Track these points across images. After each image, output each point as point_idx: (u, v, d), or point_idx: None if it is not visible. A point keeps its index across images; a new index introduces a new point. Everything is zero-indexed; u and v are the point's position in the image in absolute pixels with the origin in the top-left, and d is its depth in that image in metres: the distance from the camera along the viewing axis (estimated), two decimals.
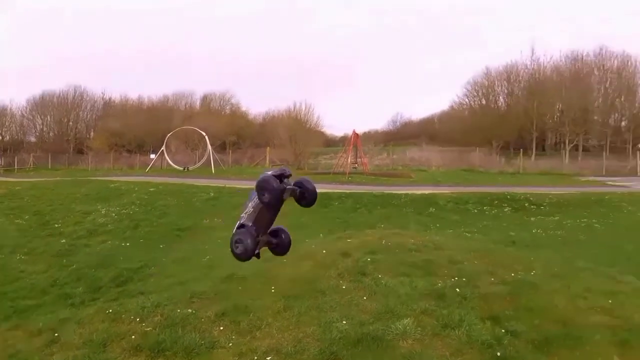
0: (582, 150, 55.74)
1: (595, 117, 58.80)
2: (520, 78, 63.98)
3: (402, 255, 10.46)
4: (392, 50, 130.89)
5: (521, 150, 48.59)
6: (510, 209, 22.03)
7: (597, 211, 21.34)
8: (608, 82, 59.32)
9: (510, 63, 64.54)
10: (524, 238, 16.84)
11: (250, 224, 5.04)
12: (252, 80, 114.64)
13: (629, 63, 58.51)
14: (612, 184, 32.39)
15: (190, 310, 7.63)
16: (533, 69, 63.18)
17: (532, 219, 20.42)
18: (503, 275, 9.18)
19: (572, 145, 55.16)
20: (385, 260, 10.04)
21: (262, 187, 4.93)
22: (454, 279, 8.91)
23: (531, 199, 23.51)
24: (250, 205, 5.13)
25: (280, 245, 5.35)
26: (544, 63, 62.91)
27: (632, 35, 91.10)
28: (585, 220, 19.87)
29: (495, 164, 44.36)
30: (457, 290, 8.36)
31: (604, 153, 48.73)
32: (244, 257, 4.95)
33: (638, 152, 46.12)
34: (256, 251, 4.98)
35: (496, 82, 65.77)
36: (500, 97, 66.59)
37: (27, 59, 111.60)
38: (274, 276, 9.12)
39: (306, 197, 5.13)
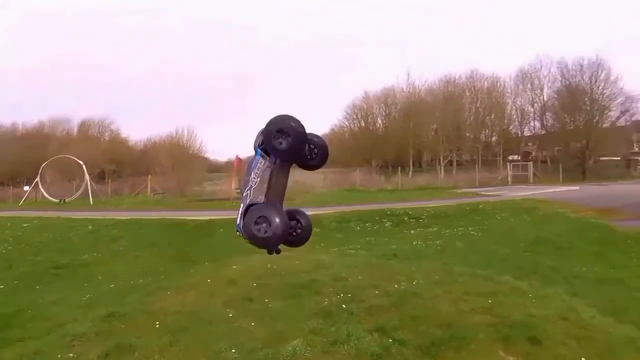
0: (457, 165, 59.53)
1: (468, 134, 63.42)
2: (397, 101, 66.98)
3: (289, 277, 10.52)
4: (275, 75, 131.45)
5: (399, 168, 50.44)
6: (390, 223, 22.72)
7: (473, 220, 22.56)
8: (479, 102, 64.16)
9: (388, 87, 67.73)
10: (405, 250, 17.38)
11: (264, 199, 4.14)
12: (132, 106, 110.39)
13: (498, 84, 64.07)
14: (485, 193, 34.36)
15: (71, 355, 7.17)
16: (409, 92, 66.71)
17: (412, 231, 21.15)
18: (387, 288, 9.46)
19: (446, 160, 58.54)
20: (271, 284, 10.05)
21: (279, 128, 4.02)
22: (339, 295, 9.05)
23: (410, 213, 24.36)
24: (253, 175, 4.24)
25: (303, 230, 4.49)
26: (419, 86, 66.80)
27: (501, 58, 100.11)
28: (462, 229, 20.94)
29: (375, 183, 45.69)
30: (344, 306, 8.49)
31: (477, 166, 52.60)
32: (273, 242, 4.01)
33: (508, 164, 49.77)
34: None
35: (375, 105, 68.29)
36: (379, 119, 69.30)
37: None
38: (157, 310, 8.80)
39: (317, 153, 4.47)
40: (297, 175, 54.08)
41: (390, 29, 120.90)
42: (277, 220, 3.92)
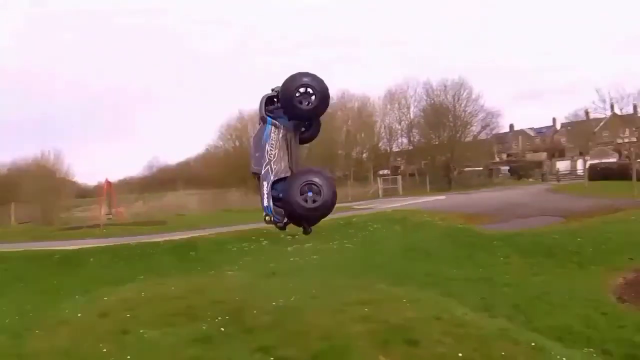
0: None
1: (340, 151, 65.21)
2: None
3: (165, 305, 9.97)
4: (146, 93, 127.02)
5: None
6: (268, 242, 22.44)
7: (347, 233, 22.87)
8: (350, 121, 66.62)
9: None
10: (283, 268, 17.22)
11: (290, 170, 3.80)
12: None
13: (368, 104, 67.28)
14: (358, 207, 35.17)
15: None
16: None
17: (289, 248, 20.99)
18: (266, 306, 9.24)
19: None
20: (146, 313, 9.45)
21: (301, 85, 3.70)
22: (218, 319, 8.70)
23: (286, 230, 24.16)
24: (268, 147, 3.89)
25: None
26: None
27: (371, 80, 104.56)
28: (337, 242, 21.18)
29: (251, 202, 45.26)
30: (223, 329, 8.16)
31: (349, 181, 53.69)
32: (321, 212, 3.72)
33: (378, 178, 51.58)
34: None
35: (249, 125, 68.10)
36: None
37: None
38: (27, 353, 7.90)
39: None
40: (168, 198, 52.95)
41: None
42: (326, 189, 3.61)
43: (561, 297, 13.83)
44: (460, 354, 6.28)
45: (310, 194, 3.59)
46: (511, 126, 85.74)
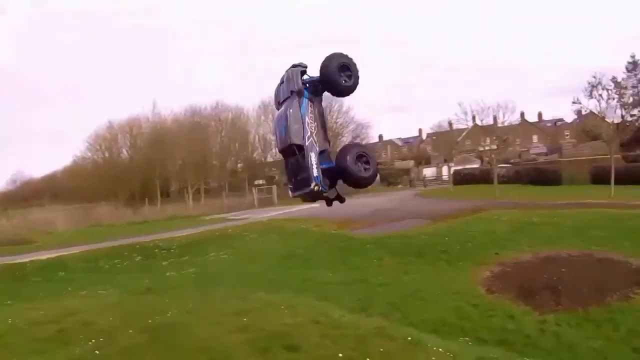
0: (205, 193, 59.57)
1: (214, 162, 64.78)
2: (143, 130, 65.16)
3: (33, 331, 9.30)
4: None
5: (147, 199, 48.88)
6: (141, 257, 21.60)
7: (223, 244, 22.59)
8: (224, 132, 66.48)
9: (133, 116, 65.54)
10: (158, 283, 16.63)
11: (327, 143, 4.26)
12: None
13: (242, 115, 67.43)
14: (234, 218, 34.92)
15: None
16: (155, 121, 65.70)
17: (164, 263, 20.37)
18: (141, 324, 8.88)
19: (194, 189, 58.23)
20: (14, 342, 8.79)
21: (343, 64, 4.17)
22: (91, 341, 8.23)
23: (161, 244, 23.56)
24: (308, 120, 4.18)
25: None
26: (165, 116, 66.67)
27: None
28: (213, 254, 20.85)
29: (123, 216, 43.49)
30: (97, 352, 7.75)
31: (224, 192, 53.11)
32: (370, 180, 4.32)
33: (253, 188, 51.42)
34: None
35: (119, 135, 65.56)
36: (124, 150, 66.59)
37: None
38: None
39: None
40: (34, 214, 49.52)
41: None
42: (372, 157, 4.09)
43: (433, 293, 14.63)
44: (340, 355, 6.36)
45: (363, 163, 4.11)
46: (380, 136, 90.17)
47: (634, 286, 14.20)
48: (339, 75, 4.24)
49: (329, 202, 4.86)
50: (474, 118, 46.50)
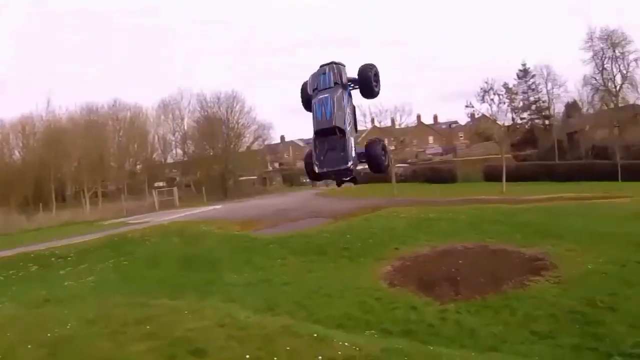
0: (102, 196, 57.18)
1: (112, 164, 61.82)
2: (37, 130, 61.07)
3: None
4: None
5: (41, 204, 46.26)
6: (37, 267, 20.47)
7: (123, 249, 21.87)
8: (122, 131, 63.64)
9: (26, 115, 60.84)
10: (57, 294, 15.86)
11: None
12: None
13: (141, 114, 64.97)
14: (134, 222, 33.76)
15: None
16: (49, 120, 61.17)
17: (62, 272, 19.40)
18: (40, 338, 8.48)
19: (91, 192, 55.84)
20: None
21: (377, 72, 5.27)
22: None
23: (57, 252, 22.40)
24: (348, 111, 5.06)
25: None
26: (59, 114, 62.07)
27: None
28: (113, 260, 20.17)
29: (16, 223, 40.82)
30: None
31: (123, 195, 51.34)
32: (387, 169, 5.57)
33: (154, 191, 50.09)
34: None
35: (11, 135, 61.24)
36: (16, 151, 62.14)
37: None
38: None
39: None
40: None
41: None
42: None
43: (337, 289, 15.05)
44: (247, 356, 6.39)
45: (385, 154, 5.13)
46: (282, 137, 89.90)
47: (527, 274, 15.30)
48: (372, 82, 5.21)
49: (340, 183, 5.57)
50: (372, 120, 48.03)
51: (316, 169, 5.21)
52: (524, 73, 64.60)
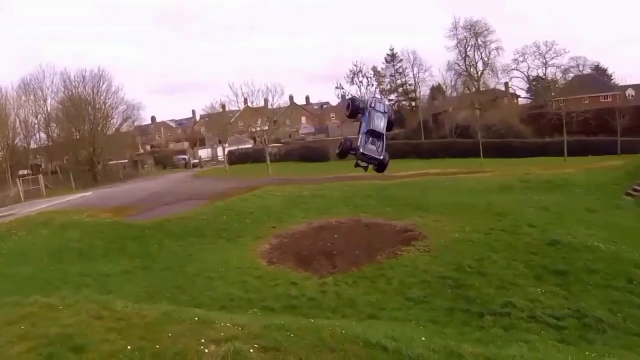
0: None
1: None
2: None
3: None
4: None
5: None
6: None
7: None
8: None
9: None
10: None
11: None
12: None
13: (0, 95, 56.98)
14: None
15: None
16: None
17: None
18: None
19: None
20: None
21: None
22: None
23: None
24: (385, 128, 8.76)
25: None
26: None
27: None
28: None
29: None
30: None
31: None
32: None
33: (18, 180, 46.43)
34: None
35: None
36: None
37: None
38: None
39: None
40: None
41: None
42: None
43: (218, 271, 15.23)
44: (128, 347, 6.29)
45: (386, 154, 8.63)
46: (153, 118, 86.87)
47: (399, 245, 16.36)
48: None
49: (366, 169, 8.76)
50: (245, 100, 47.94)
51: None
52: (392, 57, 67.81)
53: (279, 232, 18.97)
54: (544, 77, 67.56)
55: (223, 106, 58.12)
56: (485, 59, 63.68)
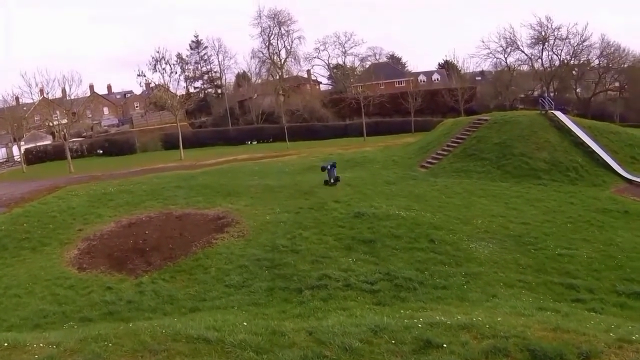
0: None
1: None
2: None
3: None
4: None
5: None
6: None
7: None
8: None
9: None
10: None
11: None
12: None
13: None
14: None
15: None
16: None
17: None
18: None
19: None
20: None
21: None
22: None
23: None
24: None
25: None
26: None
27: None
28: None
29: None
30: None
31: None
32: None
33: None
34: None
35: None
36: None
37: None
38: None
39: None
40: None
41: None
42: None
43: (25, 287, 14.21)
44: None
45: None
46: None
47: (213, 233, 16.79)
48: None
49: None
50: (41, 91, 44.27)
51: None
52: (197, 44, 67.21)
53: (86, 234, 18.13)
54: (343, 64, 72.20)
55: (17, 99, 52.65)
56: (289, 47, 66.43)
